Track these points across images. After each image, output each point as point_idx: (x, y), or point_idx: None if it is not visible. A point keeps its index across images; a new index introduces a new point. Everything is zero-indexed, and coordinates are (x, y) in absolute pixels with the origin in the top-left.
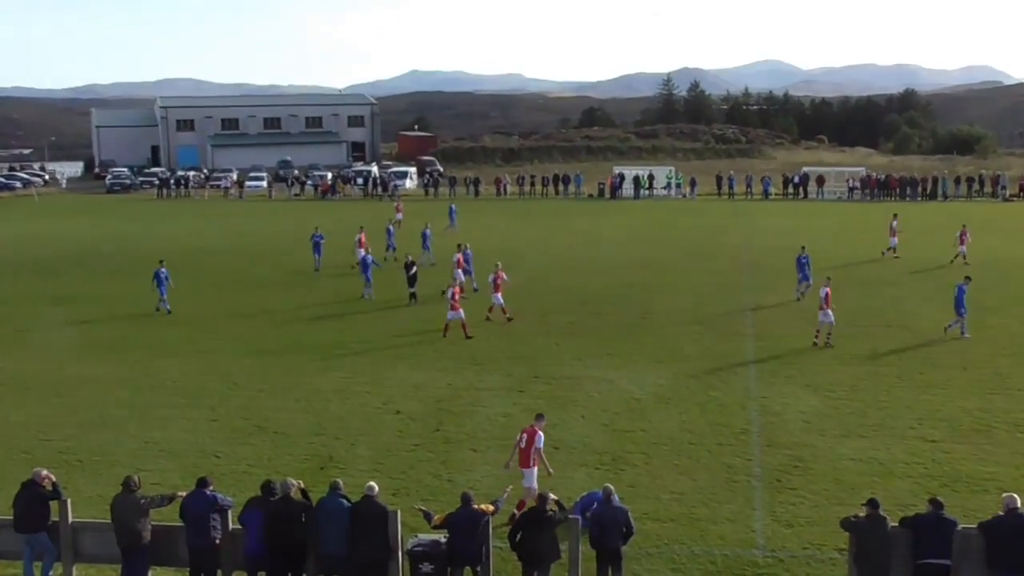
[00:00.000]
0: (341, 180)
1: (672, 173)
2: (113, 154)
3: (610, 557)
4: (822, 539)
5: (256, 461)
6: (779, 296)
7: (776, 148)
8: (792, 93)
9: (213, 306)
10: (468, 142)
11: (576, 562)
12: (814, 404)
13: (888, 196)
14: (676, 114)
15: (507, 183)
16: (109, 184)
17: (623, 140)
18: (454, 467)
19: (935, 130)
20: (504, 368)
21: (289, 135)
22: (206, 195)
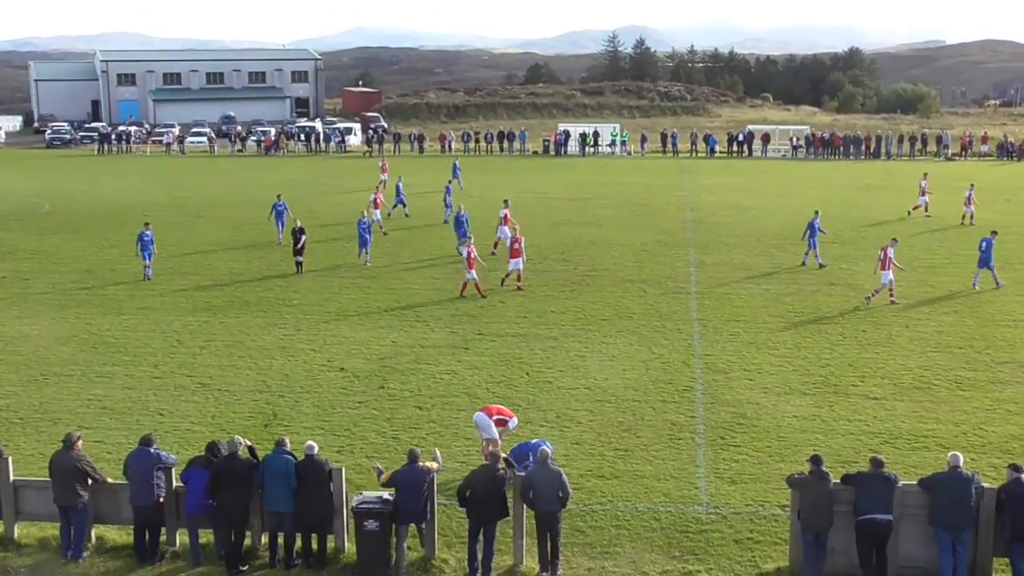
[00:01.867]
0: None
1: (617, 130)
2: (52, 108)
3: (546, 520)
4: (765, 496)
5: (200, 419)
6: (722, 254)
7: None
8: (738, 51)
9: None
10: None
11: (520, 520)
12: (758, 362)
13: (832, 154)
14: (622, 71)
15: (452, 140)
16: (49, 139)
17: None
18: (399, 425)
19: (879, 89)
20: (448, 325)
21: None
22: (147, 151)
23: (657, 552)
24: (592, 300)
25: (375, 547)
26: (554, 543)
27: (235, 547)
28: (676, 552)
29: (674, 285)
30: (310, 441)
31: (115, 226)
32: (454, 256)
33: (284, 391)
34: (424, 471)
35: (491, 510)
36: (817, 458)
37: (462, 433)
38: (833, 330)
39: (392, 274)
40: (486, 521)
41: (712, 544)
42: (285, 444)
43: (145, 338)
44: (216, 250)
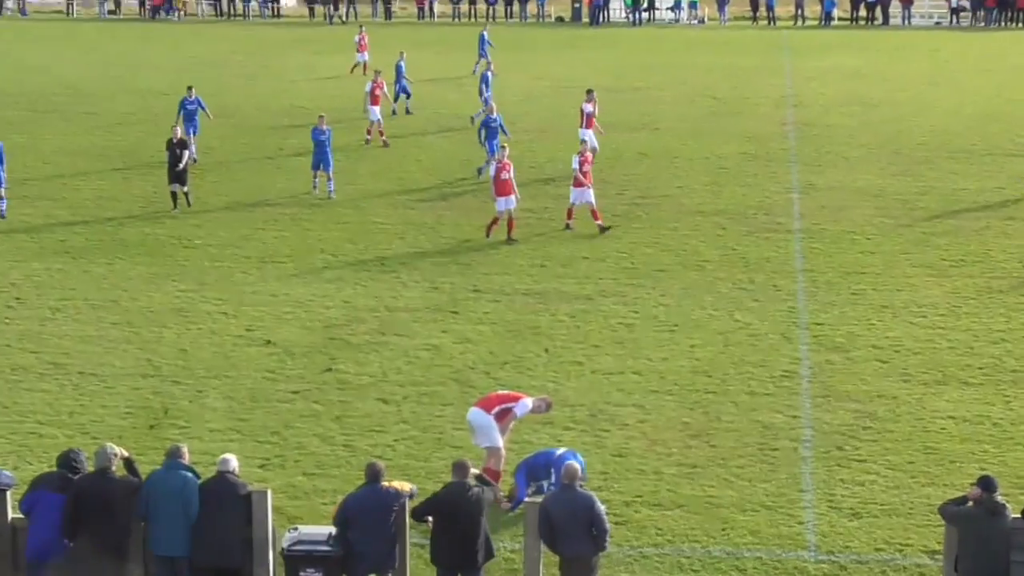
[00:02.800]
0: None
1: None
2: None
3: (574, 569)
4: (905, 536)
5: (50, 416)
6: (840, 174)
7: None
8: None
9: None
10: None
11: (535, 569)
12: (895, 335)
13: (1012, 20)
14: None
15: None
16: None
17: None
18: (354, 426)
19: None
20: (428, 277)
21: None
22: None
23: None
24: (644, 241)
25: None
26: None
27: None
28: None
29: (768, 220)
30: (226, 454)
31: None
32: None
33: (180, 375)
34: (392, 494)
35: (466, 548)
36: (988, 480)
37: (448, 439)
38: (1012, 288)
39: (346, 201)
40: (465, 568)
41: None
42: (182, 455)
43: None
44: (77, 163)
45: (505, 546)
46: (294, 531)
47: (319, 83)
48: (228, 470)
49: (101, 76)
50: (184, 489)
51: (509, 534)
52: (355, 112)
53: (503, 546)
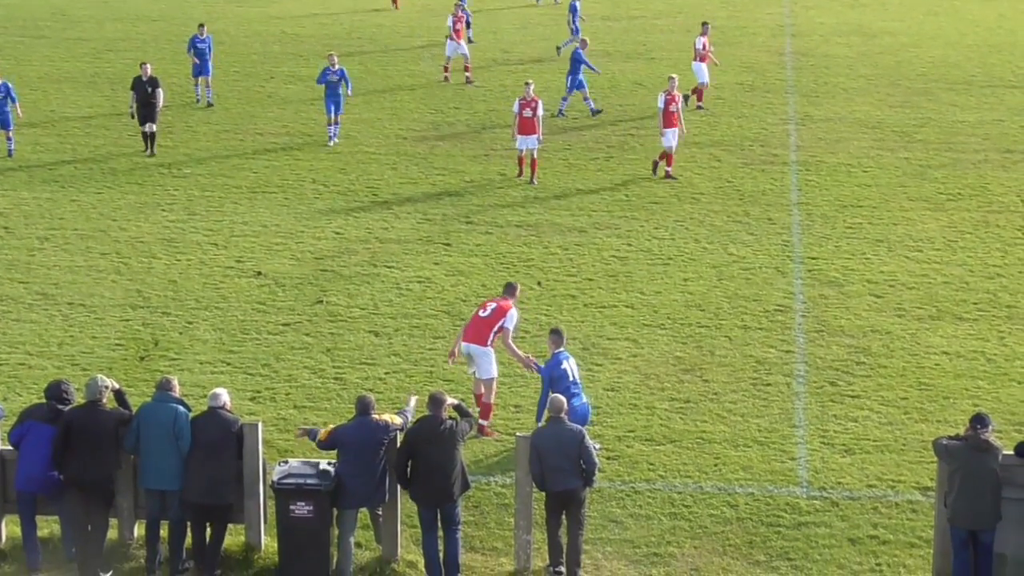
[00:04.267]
0: None
1: None
2: None
3: (562, 503)
4: (897, 473)
5: (39, 347)
6: (838, 105)
7: None
8: None
9: None
10: None
11: (526, 503)
12: (889, 268)
13: None
14: None
15: None
16: None
17: None
18: (344, 359)
19: None
20: (420, 208)
21: None
22: None
23: (732, 556)
24: (638, 173)
25: (307, 543)
26: (574, 538)
27: (93, 542)
28: (761, 556)
29: (763, 152)
30: (217, 388)
31: None
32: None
33: (170, 307)
34: (381, 427)
35: (441, 482)
36: (980, 417)
37: (440, 372)
38: (1009, 222)
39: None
40: (440, 501)
41: (815, 544)
42: (172, 387)
43: None
44: (65, 90)
45: (496, 480)
46: (284, 464)
47: (310, 9)
48: (219, 405)
49: (89, 1)
50: (175, 422)
51: (500, 468)
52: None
53: (494, 480)
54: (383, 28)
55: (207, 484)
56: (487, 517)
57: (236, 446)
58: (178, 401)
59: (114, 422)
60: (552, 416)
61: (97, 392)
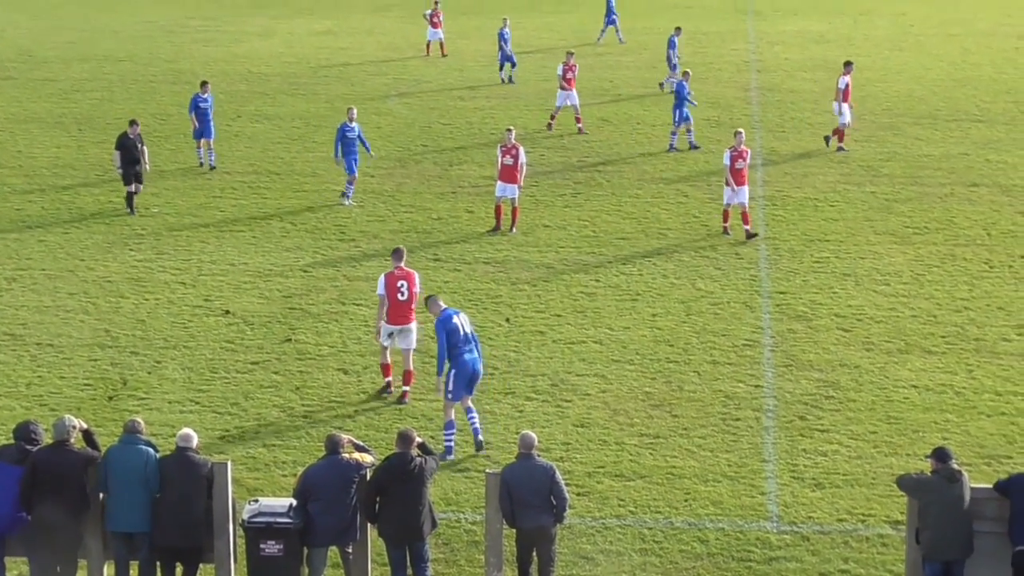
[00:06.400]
0: None
1: None
2: None
3: (532, 539)
4: (867, 506)
5: (7, 388)
6: (804, 140)
7: None
8: None
9: None
10: None
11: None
12: (857, 303)
13: None
14: None
15: None
16: None
17: None
18: (314, 397)
19: None
20: (388, 246)
21: None
22: None
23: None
24: (605, 209)
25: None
26: (545, 575)
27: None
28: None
29: None
30: (186, 429)
31: None
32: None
33: (138, 346)
34: (351, 465)
35: (410, 519)
36: (943, 452)
37: (409, 410)
38: (975, 255)
39: (304, 169)
40: (410, 539)
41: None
42: (139, 429)
43: None
44: (32, 130)
45: (466, 518)
46: (254, 503)
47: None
48: (190, 447)
49: (56, 42)
50: (145, 465)
51: (470, 505)
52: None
53: (463, 518)
54: (349, 67)
55: (178, 526)
56: (457, 555)
57: (206, 487)
58: (146, 443)
59: (82, 462)
60: (522, 452)
61: (65, 432)
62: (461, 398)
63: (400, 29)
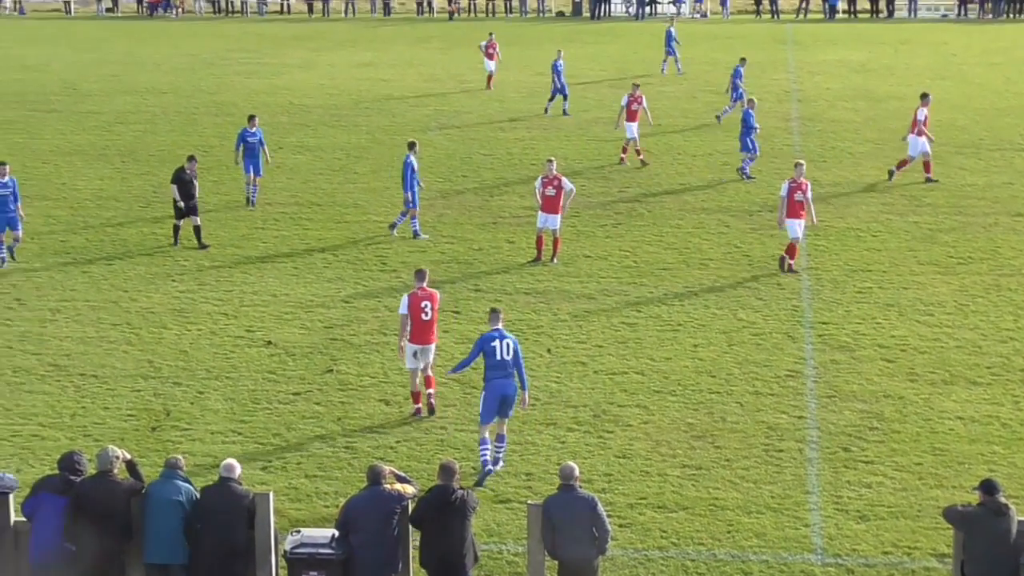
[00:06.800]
0: None
1: None
2: None
3: (575, 569)
4: (913, 539)
5: (52, 419)
6: (845, 169)
7: None
8: None
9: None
10: None
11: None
12: (900, 334)
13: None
14: None
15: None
16: None
17: None
18: (355, 428)
19: None
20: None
21: None
22: None
23: None
24: (646, 239)
25: None
26: None
27: None
28: None
29: (772, 217)
30: (229, 459)
31: None
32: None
33: (181, 377)
34: (393, 497)
35: (453, 552)
36: (990, 484)
37: (451, 440)
38: (1020, 285)
39: (346, 200)
40: (452, 571)
41: None
42: (179, 464)
43: None
44: (76, 163)
45: (508, 549)
46: (296, 534)
47: (317, 80)
48: (232, 477)
49: (99, 75)
50: (182, 499)
51: (512, 536)
52: (354, 110)
53: (506, 549)
54: (390, 99)
55: (220, 556)
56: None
57: (248, 518)
58: (184, 479)
59: (126, 493)
60: (564, 483)
61: (108, 463)
62: (490, 420)
63: (440, 60)
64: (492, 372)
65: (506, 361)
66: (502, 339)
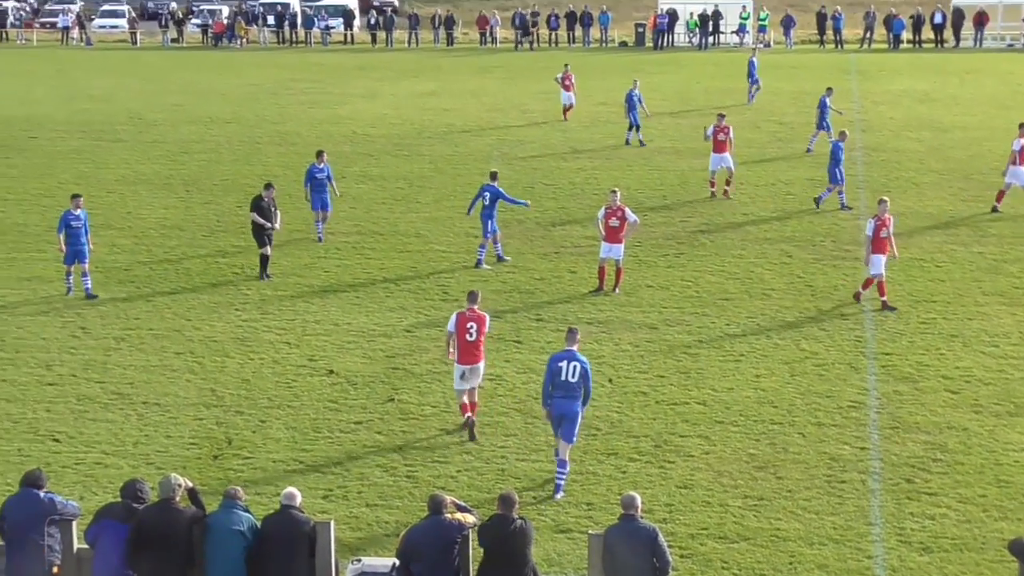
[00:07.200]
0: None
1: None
2: None
3: None
4: (976, 571)
5: (115, 446)
6: (909, 200)
7: None
8: None
9: (46, 210)
10: None
11: None
12: (965, 364)
13: None
14: None
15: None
16: None
17: None
18: (416, 457)
19: None
20: (491, 307)
21: None
22: (34, 39)
23: None
24: (709, 269)
25: None
26: None
27: None
28: None
29: (835, 247)
30: (291, 488)
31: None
32: None
33: (243, 405)
34: (454, 526)
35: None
36: None
37: (512, 470)
38: None
39: (408, 229)
40: None
41: None
42: (239, 496)
43: (32, 324)
44: (141, 192)
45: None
46: (357, 563)
47: (380, 110)
48: (293, 505)
49: (164, 104)
50: (243, 528)
51: (573, 566)
52: (417, 139)
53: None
54: (452, 127)
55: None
56: None
57: (309, 546)
58: (244, 509)
59: (187, 521)
60: (624, 513)
61: (170, 491)
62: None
63: (503, 90)
64: (556, 391)
65: (571, 383)
66: (570, 360)
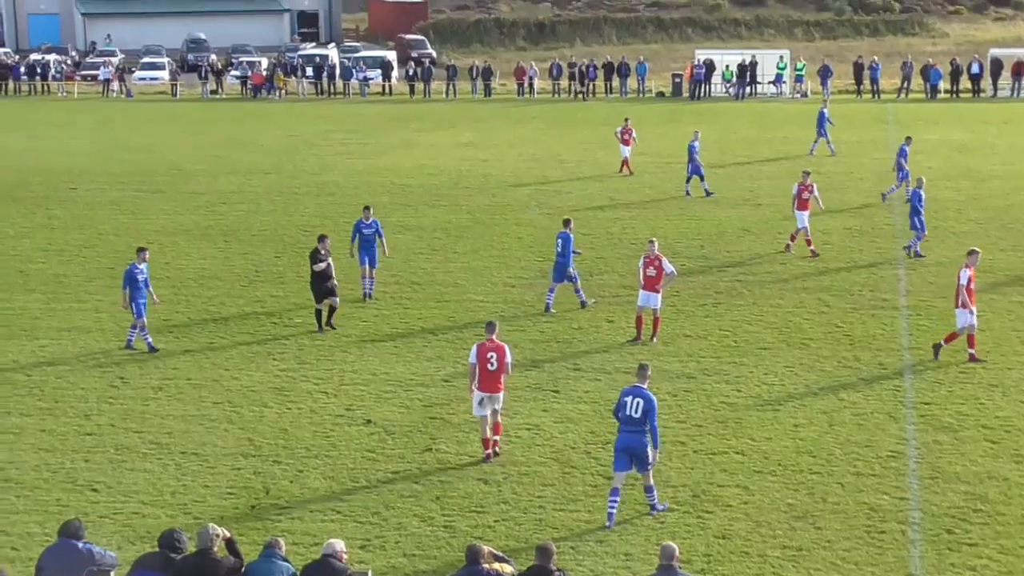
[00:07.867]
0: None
1: (786, 60)
2: None
3: None
4: None
5: (153, 496)
6: (948, 248)
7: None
8: None
9: (86, 261)
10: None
11: None
12: (1005, 414)
13: None
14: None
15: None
16: None
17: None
18: (454, 507)
19: None
20: (529, 356)
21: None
22: (75, 91)
23: None
24: (746, 318)
25: None
26: None
27: None
28: None
29: (873, 296)
30: (334, 540)
31: (24, 206)
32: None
33: (281, 455)
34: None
35: None
36: None
37: (549, 520)
38: None
39: (446, 279)
40: None
41: None
42: (279, 546)
43: (71, 374)
44: (180, 242)
45: None
46: None
47: (418, 160)
48: (332, 553)
49: (203, 156)
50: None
51: None
52: (455, 189)
53: None
54: (489, 177)
55: None
56: None
57: None
58: (283, 559)
59: (225, 571)
60: (663, 563)
61: (208, 541)
62: (619, 469)
63: (541, 140)
64: (622, 425)
65: (633, 418)
66: (635, 396)
